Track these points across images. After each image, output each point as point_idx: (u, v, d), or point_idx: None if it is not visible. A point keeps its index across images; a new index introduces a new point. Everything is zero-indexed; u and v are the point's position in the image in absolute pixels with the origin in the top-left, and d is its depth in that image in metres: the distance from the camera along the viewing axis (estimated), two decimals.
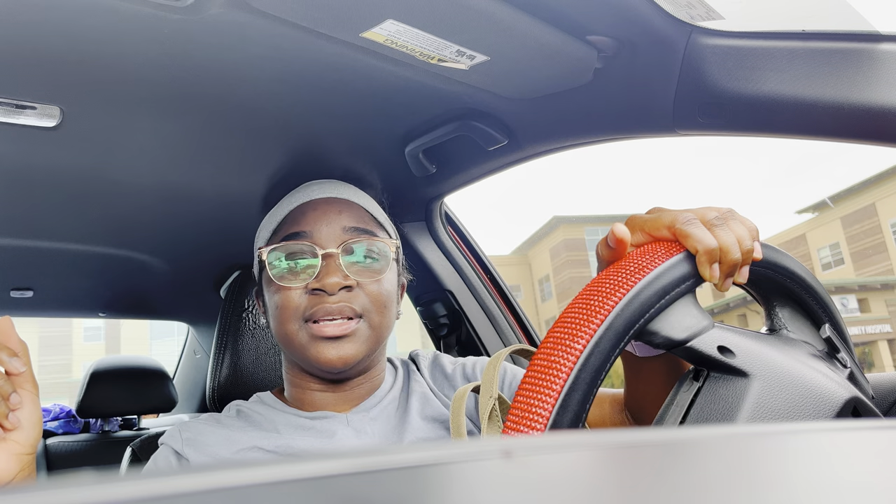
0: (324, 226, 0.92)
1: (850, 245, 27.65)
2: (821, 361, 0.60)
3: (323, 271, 0.89)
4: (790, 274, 0.64)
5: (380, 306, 0.91)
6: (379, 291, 0.91)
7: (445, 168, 1.34)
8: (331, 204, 0.95)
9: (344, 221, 0.93)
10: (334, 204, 0.95)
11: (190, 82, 0.97)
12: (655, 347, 0.54)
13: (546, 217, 65.91)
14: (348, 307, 0.88)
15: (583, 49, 0.93)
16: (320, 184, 1.00)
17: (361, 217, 0.96)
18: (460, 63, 0.94)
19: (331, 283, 0.87)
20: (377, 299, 0.91)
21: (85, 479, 0.21)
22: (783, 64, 0.84)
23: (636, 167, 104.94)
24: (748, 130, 0.90)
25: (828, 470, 0.27)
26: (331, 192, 0.98)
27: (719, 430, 0.39)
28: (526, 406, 0.48)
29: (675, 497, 0.23)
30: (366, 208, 0.98)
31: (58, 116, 1.02)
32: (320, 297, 0.88)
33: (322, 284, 0.88)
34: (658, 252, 0.56)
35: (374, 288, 0.91)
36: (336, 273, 0.88)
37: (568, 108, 1.08)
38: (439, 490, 0.22)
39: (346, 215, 0.94)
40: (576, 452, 0.28)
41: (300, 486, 0.21)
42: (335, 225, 0.92)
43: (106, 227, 1.56)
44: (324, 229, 0.92)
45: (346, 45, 0.88)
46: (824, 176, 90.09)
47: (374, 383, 0.98)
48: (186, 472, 0.21)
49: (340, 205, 0.95)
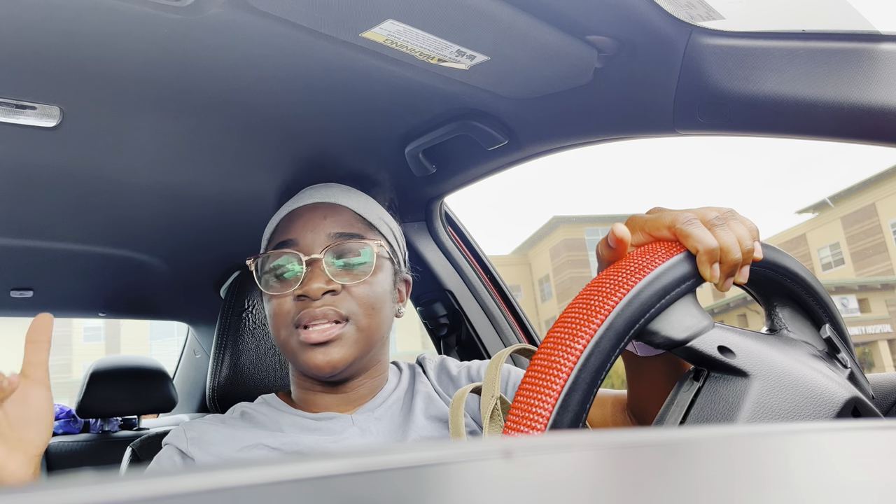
0: (309, 232, 0.94)
1: (850, 245, 27.65)
2: (821, 362, 0.60)
3: (307, 277, 0.90)
4: (791, 274, 0.64)
5: (367, 308, 0.92)
6: (366, 293, 0.92)
7: (445, 168, 1.33)
8: (316, 210, 0.97)
9: (328, 227, 0.94)
10: (320, 209, 0.97)
11: (190, 82, 0.97)
12: (656, 347, 0.54)
13: (546, 217, 65.90)
14: (333, 311, 0.90)
15: (583, 49, 0.93)
16: (313, 189, 1.02)
17: (348, 220, 0.96)
18: (460, 63, 0.94)
19: (314, 289, 0.89)
20: (364, 301, 0.92)
21: (85, 479, 0.21)
22: (783, 64, 0.84)
23: (636, 167, 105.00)
24: (748, 130, 0.90)
25: (828, 470, 0.27)
26: (319, 197, 0.99)
27: (719, 430, 0.39)
28: (526, 406, 0.48)
29: (675, 497, 0.23)
30: (355, 210, 0.98)
31: (58, 116, 1.02)
32: (306, 303, 0.90)
33: (305, 290, 0.90)
34: (658, 252, 0.56)
35: (361, 290, 0.92)
36: (319, 278, 0.90)
37: (568, 108, 1.08)
38: (440, 490, 0.22)
39: (330, 220, 0.95)
40: (576, 452, 0.28)
41: (301, 485, 0.21)
42: (320, 231, 0.94)
43: (106, 227, 1.56)
44: (308, 235, 0.93)
45: (346, 45, 0.88)
46: (824, 176, 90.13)
47: (376, 383, 0.99)
48: (189, 471, 0.21)
49: (326, 210, 0.97)
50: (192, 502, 0.20)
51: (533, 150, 1.21)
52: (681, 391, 0.56)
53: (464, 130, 1.17)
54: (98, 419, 2.38)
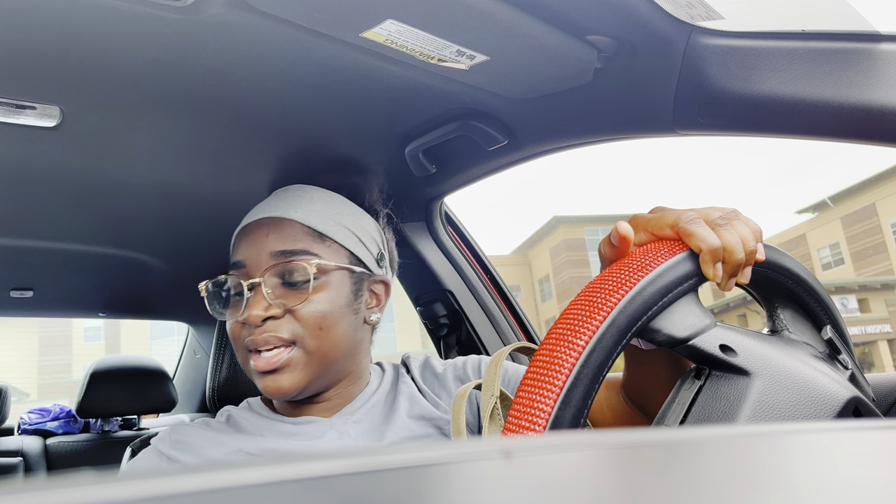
0: (252, 253, 0.91)
1: (850, 245, 27.66)
2: (822, 362, 0.60)
3: (249, 303, 0.87)
4: (792, 275, 0.64)
5: (313, 329, 0.88)
6: (310, 313, 0.87)
7: (445, 168, 1.33)
8: (260, 227, 0.92)
9: (269, 245, 0.90)
10: (263, 227, 0.92)
11: (190, 82, 0.97)
12: (657, 345, 0.54)
13: (546, 217, 65.84)
14: (274, 337, 0.86)
15: (583, 49, 0.93)
16: (269, 199, 0.98)
17: (292, 235, 0.91)
18: (460, 63, 0.94)
19: (252, 317, 0.86)
20: (309, 322, 0.87)
21: (84, 479, 0.21)
22: (783, 64, 0.84)
23: (636, 167, 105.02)
24: (748, 130, 0.90)
25: (829, 469, 0.27)
26: (268, 210, 0.95)
27: (721, 430, 0.39)
28: (528, 401, 0.48)
29: (677, 498, 0.23)
30: (302, 222, 0.92)
31: (58, 116, 1.02)
32: (249, 329, 0.88)
33: (245, 318, 0.87)
34: (661, 250, 0.56)
35: (304, 311, 0.87)
36: (258, 304, 0.86)
37: (568, 108, 1.08)
38: (439, 490, 0.22)
39: (272, 237, 0.91)
40: (576, 452, 0.28)
41: (301, 486, 0.21)
42: (262, 250, 0.90)
43: (106, 227, 1.55)
44: (252, 257, 0.90)
45: (346, 45, 0.88)
46: (824, 176, 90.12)
47: (353, 389, 0.97)
48: (181, 472, 0.21)
49: (269, 226, 0.92)
50: (186, 503, 0.20)
51: (533, 150, 1.21)
52: (682, 389, 0.56)
53: (464, 130, 1.16)
54: (98, 419, 2.38)
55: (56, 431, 2.35)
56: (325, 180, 1.03)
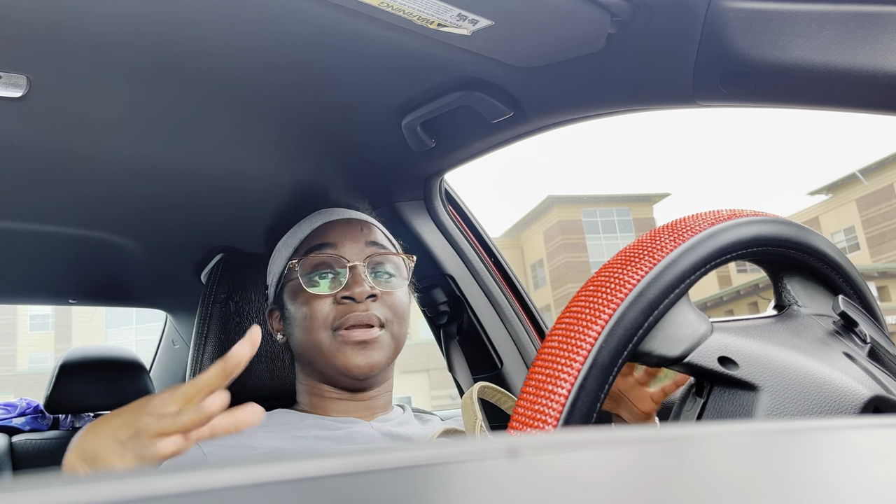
0: (349, 240, 1.06)
1: (866, 229, 27.87)
2: (838, 339, 0.59)
3: (351, 281, 1.01)
4: (793, 244, 0.61)
5: (399, 317, 1.04)
6: (398, 303, 1.05)
7: (445, 142, 1.33)
8: (352, 223, 1.10)
9: (366, 237, 1.07)
10: (355, 223, 1.10)
11: (169, 49, 0.96)
12: (651, 367, 0.53)
13: (540, 197, 65.82)
14: (374, 315, 1.01)
15: (595, 12, 0.93)
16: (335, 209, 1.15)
17: (379, 235, 1.11)
18: (462, 28, 0.94)
19: (359, 292, 1.00)
20: (397, 310, 1.04)
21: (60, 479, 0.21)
22: (813, 28, 0.84)
23: (637, 142, 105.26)
24: (774, 101, 0.90)
25: (848, 467, 0.28)
26: (348, 214, 1.13)
27: (734, 427, 0.39)
28: (535, 396, 0.47)
29: (689, 496, 0.23)
30: (381, 229, 1.13)
31: (24, 86, 1.01)
32: (349, 306, 1.00)
33: (352, 293, 1.00)
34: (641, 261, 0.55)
35: (394, 299, 1.04)
36: (363, 283, 1.01)
37: (579, 77, 1.08)
38: (444, 490, 0.23)
39: (367, 232, 1.09)
40: (583, 451, 0.29)
41: (304, 485, 0.22)
42: (359, 240, 1.07)
43: (76, 207, 1.55)
44: (348, 244, 1.06)
45: (338, 8, 0.87)
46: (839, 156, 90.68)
47: (388, 398, 1.10)
48: (179, 472, 0.22)
49: (361, 223, 1.10)
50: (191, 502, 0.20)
51: (540, 122, 1.21)
52: (683, 410, 0.55)
53: (465, 101, 1.16)
54: (68, 415, 2.37)
55: (22, 428, 2.34)
56: (314, 155, 1.05)
